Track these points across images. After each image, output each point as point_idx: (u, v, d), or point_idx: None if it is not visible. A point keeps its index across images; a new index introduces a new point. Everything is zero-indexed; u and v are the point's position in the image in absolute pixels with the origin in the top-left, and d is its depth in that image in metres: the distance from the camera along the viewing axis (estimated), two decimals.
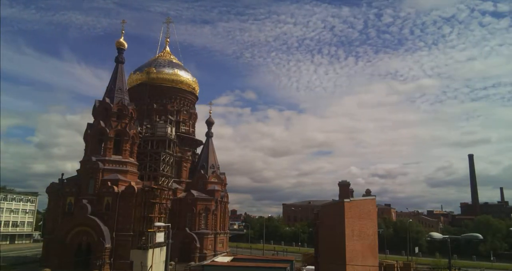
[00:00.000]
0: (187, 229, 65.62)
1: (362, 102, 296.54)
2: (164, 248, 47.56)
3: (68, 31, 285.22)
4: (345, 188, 39.26)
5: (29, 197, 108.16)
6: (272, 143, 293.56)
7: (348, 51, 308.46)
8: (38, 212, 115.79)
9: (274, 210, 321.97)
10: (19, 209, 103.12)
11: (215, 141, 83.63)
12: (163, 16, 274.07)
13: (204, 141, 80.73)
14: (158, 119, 69.76)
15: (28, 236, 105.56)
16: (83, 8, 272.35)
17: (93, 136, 55.64)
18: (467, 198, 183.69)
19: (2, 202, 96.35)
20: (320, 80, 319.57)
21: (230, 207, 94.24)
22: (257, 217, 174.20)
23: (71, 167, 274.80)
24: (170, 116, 68.49)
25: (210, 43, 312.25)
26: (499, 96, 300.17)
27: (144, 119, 67.69)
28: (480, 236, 20.75)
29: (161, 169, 60.00)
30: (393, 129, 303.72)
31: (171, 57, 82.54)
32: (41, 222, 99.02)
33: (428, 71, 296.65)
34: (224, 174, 78.53)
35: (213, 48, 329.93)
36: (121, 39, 61.23)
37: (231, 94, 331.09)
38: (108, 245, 48.31)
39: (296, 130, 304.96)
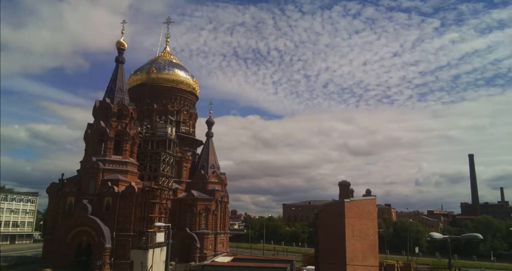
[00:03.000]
0: (187, 229, 65.64)
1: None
2: (164, 248, 47.58)
3: None
4: (345, 188, 39.24)
5: (29, 197, 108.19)
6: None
7: (268, 45, 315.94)
8: (38, 212, 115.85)
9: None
10: (19, 209, 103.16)
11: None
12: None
13: (204, 141, 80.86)
14: (158, 120, 69.67)
15: (29, 236, 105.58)
16: None
17: (93, 136, 55.64)
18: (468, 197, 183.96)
19: (2, 202, 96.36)
20: (256, 76, 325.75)
21: (236, 206, 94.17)
22: (257, 217, 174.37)
23: None
24: (170, 117, 68.43)
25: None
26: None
27: (144, 120, 67.66)
28: (480, 236, 20.72)
29: (161, 169, 59.97)
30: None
31: (171, 57, 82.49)
32: (41, 222, 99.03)
33: (360, 67, 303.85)
34: (224, 174, 78.53)
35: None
36: (121, 39, 61.24)
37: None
38: (108, 245, 48.32)
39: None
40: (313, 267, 45.68)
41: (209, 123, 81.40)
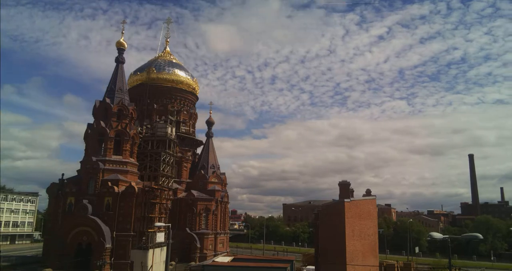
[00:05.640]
0: (187, 229, 65.62)
1: None
2: (165, 248, 47.58)
3: None
4: (345, 188, 39.25)
5: (29, 197, 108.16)
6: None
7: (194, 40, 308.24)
8: (38, 212, 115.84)
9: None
10: (19, 209, 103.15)
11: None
12: None
13: (204, 141, 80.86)
14: (158, 120, 69.70)
15: (29, 236, 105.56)
16: None
17: (93, 136, 55.63)
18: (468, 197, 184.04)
19: (3, 202, 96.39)
20: (197, 72, 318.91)
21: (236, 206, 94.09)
22: (257, 217, 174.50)
23: None
24: (170, 117, 68.40)
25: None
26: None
27: (145, 120, 67.68)
28: (480, 236, 20.75)
29: (161, 169, 59.99)
30: None
31: (171, 57, 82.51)
32: (42, 222, 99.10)
33: (300, 64, 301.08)
34: (224, 174, 78.51)
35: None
36: (121, 40, 61.25)
37: None
38: (108, 245, 48.34)
39: None
40: (313, 267, 45.76)
41: (209, 123, 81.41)
